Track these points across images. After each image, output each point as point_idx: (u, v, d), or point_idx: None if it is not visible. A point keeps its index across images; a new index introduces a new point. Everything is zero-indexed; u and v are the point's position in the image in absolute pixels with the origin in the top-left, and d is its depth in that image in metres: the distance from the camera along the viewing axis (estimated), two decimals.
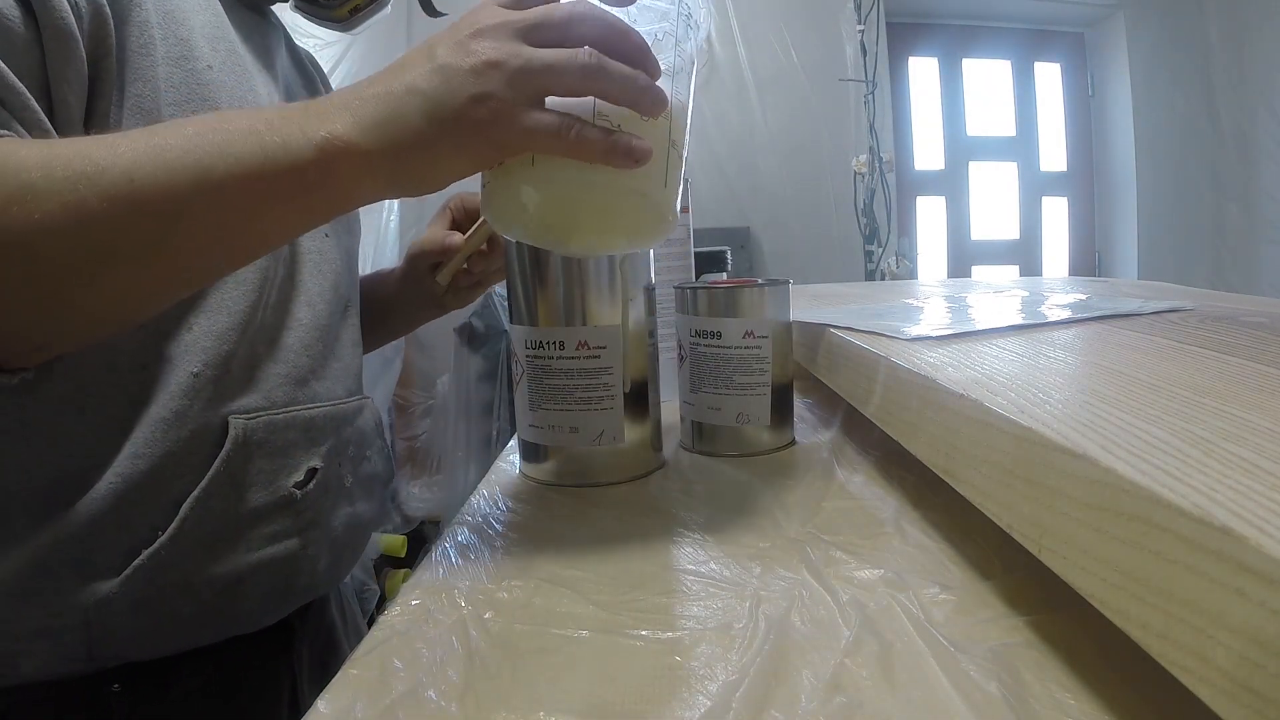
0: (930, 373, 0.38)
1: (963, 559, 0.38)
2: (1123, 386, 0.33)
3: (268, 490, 0.50)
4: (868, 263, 2.39)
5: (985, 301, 0.74)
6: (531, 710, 0.27)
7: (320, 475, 0.54)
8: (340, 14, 0.66)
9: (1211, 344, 0.43)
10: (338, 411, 0.57)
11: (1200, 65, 2.62)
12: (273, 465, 0.51)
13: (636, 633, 0.32)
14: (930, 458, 0.38)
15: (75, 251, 0.35)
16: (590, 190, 0.39)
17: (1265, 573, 0.17)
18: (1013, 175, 2.80)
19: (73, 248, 0.34)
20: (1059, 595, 0.29)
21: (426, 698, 0.28)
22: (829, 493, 0.48)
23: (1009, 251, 2.82)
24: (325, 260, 0.59)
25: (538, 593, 0.36)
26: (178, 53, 0.48)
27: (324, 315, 0.57)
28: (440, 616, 0.34)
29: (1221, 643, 0.18)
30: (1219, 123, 2.62)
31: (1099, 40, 2.76)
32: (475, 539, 0.44)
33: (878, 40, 2.39)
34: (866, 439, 0.58)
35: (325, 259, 0.59)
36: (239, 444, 0.48)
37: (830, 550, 0.39)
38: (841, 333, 0.55)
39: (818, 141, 2.44)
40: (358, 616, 0.72)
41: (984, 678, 0.27)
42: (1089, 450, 0.24)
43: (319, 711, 0.28)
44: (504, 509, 0.49)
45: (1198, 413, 0.28)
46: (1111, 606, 0.22)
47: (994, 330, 0.51)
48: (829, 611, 0.33)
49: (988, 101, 2.76)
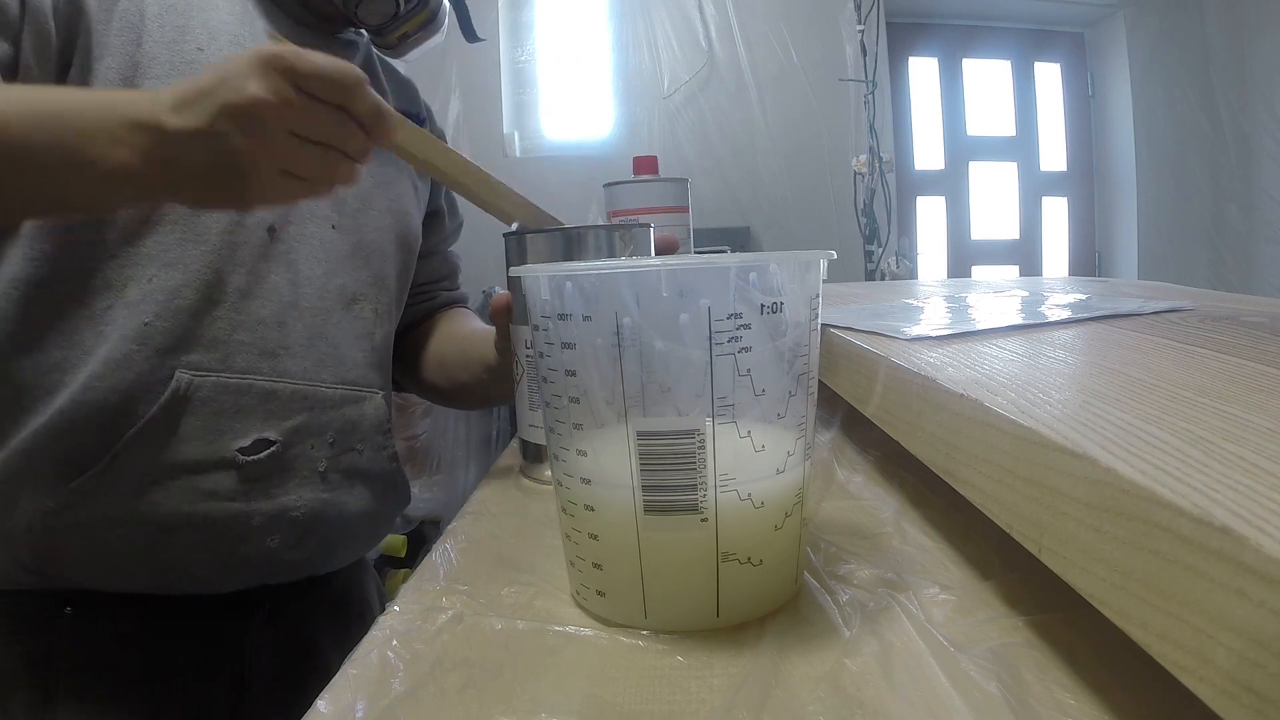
0: (930, 373, 0.38)
1: (963, 559, 0.38)
2: (1123, 386, 0.33)
3: (208, 447, 0.53)
4: (868, 263, 2.39)
5: (985, 301, 0.74)
6: (531, 710, 0.27)
7: (278, 450, 0.55)
8: (391, 39, 0.67)
9: (1211, 344, 0.43)
10: (314, 393, 0.58)
11: (1200, 65, 2.62)
12: (217, 425, 0.53)
13: (637, 632, 0.32)
14: (930, 458, 0.38)
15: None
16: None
17: (1265, 573, 0.17)
18: (1013, 175, 2.80)
19: None
20: (1059, 595, 0.29)
21: (426, 698, 0.28)
22: (829, 493, 0.48)
23: (1009, 251, 2.81)
24: (327, 250, 0.60)
25: (538, 593, 0.36)
26: (170, 37, 0.53)
27: (312, 299, 0.58)
28: (440, 616, 0.34)
29: (1221, 643, 0.18)
30: (1219, 123, 2.62)
31: (1099, 40, 2.76)
32: (475, 539, 0.44)
33: (878, 40, 2.39)
34: (866, 439, 0.58)
35: (327, 249, 0.60)
36: (178, 395, 0.51)
37: (830, 550, 0.39)
38: (841, 333, 0.55)
39: (818, 141, 2.44)
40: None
41: (984, 678, 0.27)
42: (1089, 450, 0.24)
43: (319, 711, 0.28)
44: (504, 509, 0.49)
45: (1198, 413, 0.28)
46: (1111, 606, 0.22)
47: (994, 330, 0.51)
48: (829, 611, 0.33)
49: (988, 101, 2.76)
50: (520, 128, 2.44)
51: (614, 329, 0.30)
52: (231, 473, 0.53)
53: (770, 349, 0.31)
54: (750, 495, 0.31)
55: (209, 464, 0.52)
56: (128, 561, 0.52)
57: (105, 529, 0.51)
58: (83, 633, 0.53)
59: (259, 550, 0.55)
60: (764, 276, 0.31)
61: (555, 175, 2.27)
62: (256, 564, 0.56)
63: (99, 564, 0.52)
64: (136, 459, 0.51)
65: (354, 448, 0.61)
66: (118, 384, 0.50)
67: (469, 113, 2.34)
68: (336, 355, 0.60)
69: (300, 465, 0.56)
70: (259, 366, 0.55)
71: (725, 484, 0.31)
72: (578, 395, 0.32)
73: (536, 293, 0.33)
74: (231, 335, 0.54)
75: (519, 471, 0.57)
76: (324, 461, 0.58)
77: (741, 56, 2.40)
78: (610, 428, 0.31)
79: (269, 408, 0.55)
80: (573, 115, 2.45)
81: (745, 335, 0.30)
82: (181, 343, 0.52)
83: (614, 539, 0.32)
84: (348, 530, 0.62)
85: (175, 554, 0.53)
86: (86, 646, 0.53)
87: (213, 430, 0.53)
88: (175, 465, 0.52)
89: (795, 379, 0.32)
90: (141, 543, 0.52)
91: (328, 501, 0.58)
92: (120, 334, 0.51)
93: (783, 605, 0.34)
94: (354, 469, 0.61)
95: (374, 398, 0.63)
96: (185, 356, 0.52)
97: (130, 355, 0.51)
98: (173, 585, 0.54)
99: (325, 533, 0.60)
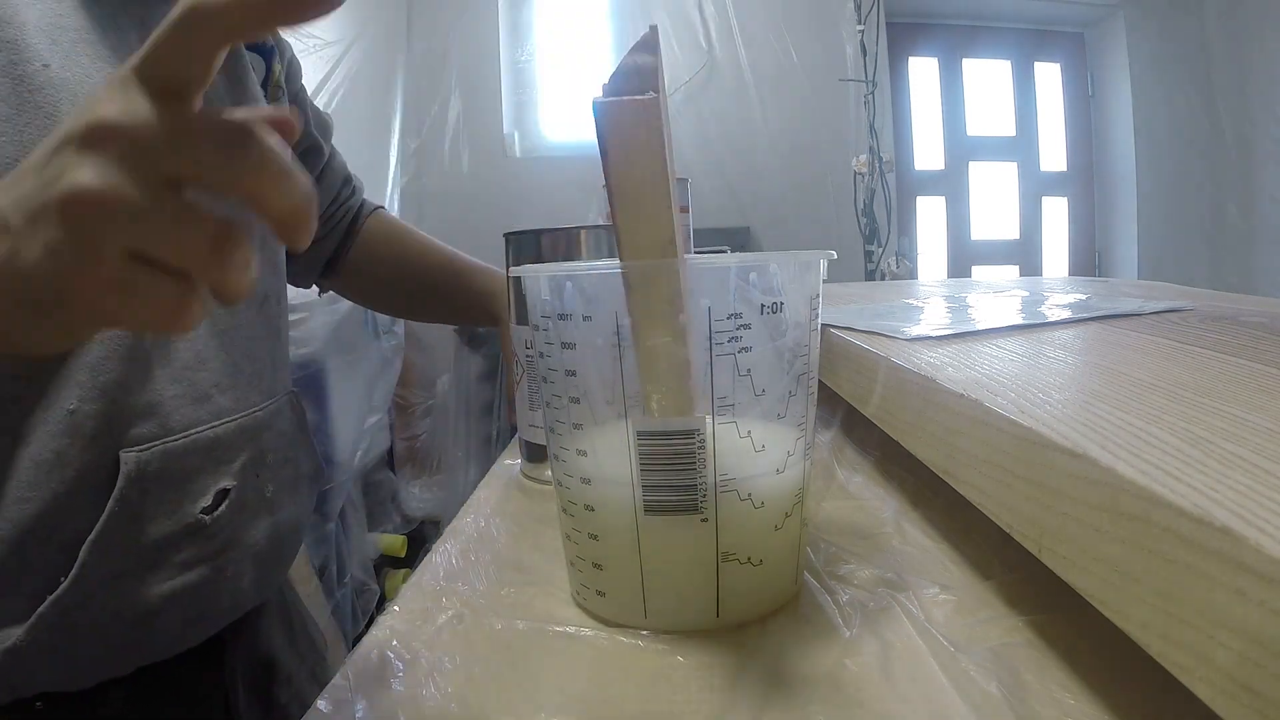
0: (930, 373, 0.38)
1: (963, 559, 0.38)
2: (1123, 386, 0.33)
3: (172, 520, 0.47)
4: (868, 263, 2.39)
5: (985, 301, 0.74)
6: (531, 710, 0.27)
7: (234, 495, 0.50)
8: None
9: (1211, 344, 0.43)
10: (252, 421, 0.53)
11: (1200, 65, 2.62)
12: (175, 494, 0.47)
13: (637, 632, 0.32)
14: (930, 458, 0.38)
15: None
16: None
17: (1265, 573, 0.17)
18: (1013, 175, 2.80)
19: None
20: (1059, 595, 0.29)
21: (426, 698, 0.28)
22: (829, 493, 0.48)
23: (1009, 251, 2.81)
24: None
25: (538, 593, 0.36)
26: (4, 59, 0.41)
27: (225, 318, 0.52)
28: (440, 617, 0.34)
29: (1221, 643, 0.18)
30: (1219, 123, 2.62)
31: (1099, 40, 2.75)
32: (475, 539, 0.44)
33: (878, 40, 2.39)
34: (866, 439, 0.58)
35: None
36: (131, 480, 0.45)
37: (830, 550, 0.39)
38: (841, 333, 0.55)
39: (818, 141, 2.44)
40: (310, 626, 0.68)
41: (984, 678, 0.27)
42: (1089, 450, 0.24)
43: (319, 711, 0.28)
44: (504, 509, 0.49)
45: (1198, 413, 0.28)
46: (1111, 606, 0.22)
47: (994, 330, 0.51)
48: (829, 611, 0.33)
49: (988, 101, 2.76)
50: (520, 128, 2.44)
51: (614, 329, 0.30)
52: (198, 536, 0.49)
53: (770, 349, 0.31)
54: (750, 495, 0.31)
55: (177, 536, 0.48)
56: (108, 658, 0.47)
57: (80, 640, 0.45)
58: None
59: (234, 598, 0.53)
60: (764, 276, 0.31)
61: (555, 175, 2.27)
62: (231, 609, 0.54)
63: (77, 671, 0.46)
64: (102, 559, 0.44)
65: (289, 458, 0.58)
66: (58, 488, 0.43)
67: (469, 113, 2.34)
68: (256, 370, 0.55)
69: (252, 501, 0.53)
70: (197, 416, 0.49)
71: (725, 484, 0.31)
72: (578, 395, 0.32)
73: (536, 293, 0.33)
74: (162, 394, 0.47)
75: (519, 471, 0.57)
76: (270, 486, 0.55)
77: (741, 56, 2.40)
78: (610, 428, 0.31)
79: (216, 456, 0.50)
80: (573, 115, 2.45)
81: (745, 335, 0.30)
82: (115, 422, 0.45)
83: (614, 539, 0.32)
84: (297, 538, 0.61)
85: (158, 633, 0.49)
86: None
87: (172, 501, 0.47)
88: (144, 550, 0.46)
89: (795, 379, 0.32)
90: (121, 637, 0.47)
91: (279, 521, 0.56)
92: (43, 430, 0.43)
93: (783, 605, 0.34)
94: (294, 479, 0.59)
95: (289, 396, 0.60)
96: (124, 434, 0.45)
97: (63, 452, 0.43)
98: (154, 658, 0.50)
99: (284, 550, 0.58)
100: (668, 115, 0.30)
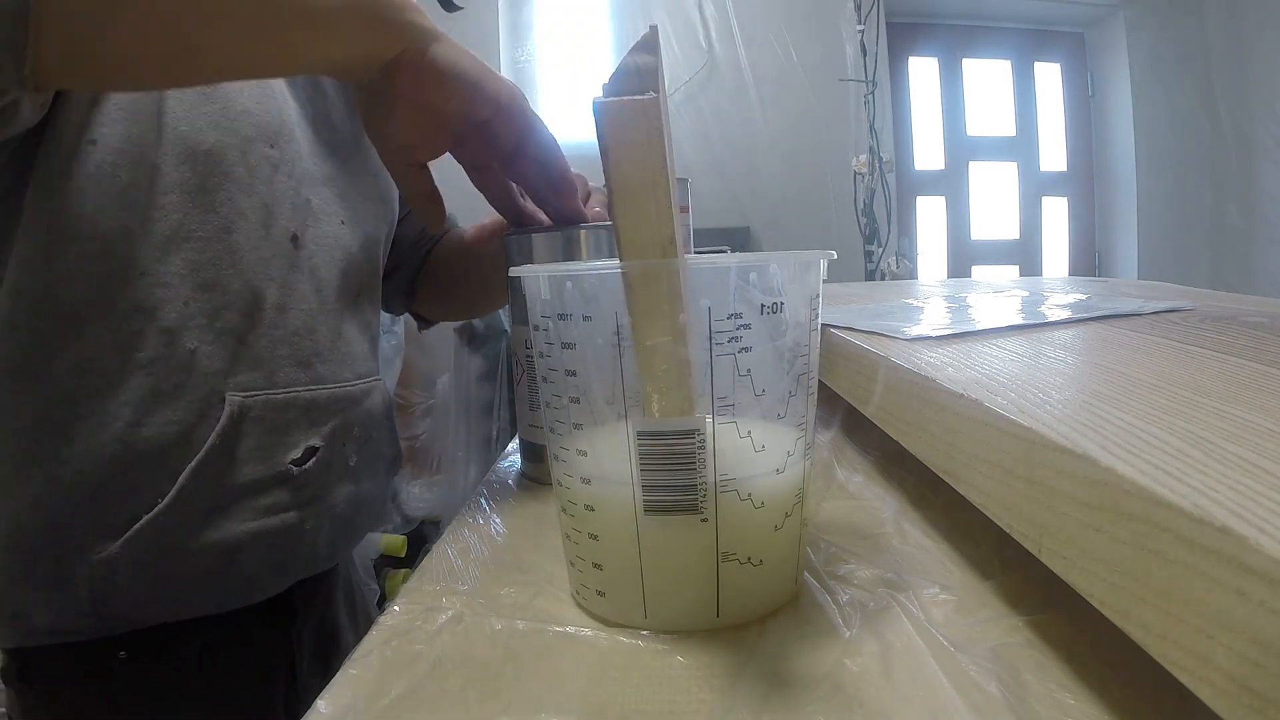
0: (930, 373, 0.38)
1: (963, 559, 0.38)
2: (1123, 386, 0.33)
3: (265, 465, 0.52)
4: (868, 263, 2.39)
5: (985, 301, 0.74)
6: (532, 710, 0.27)
7: (321, 454, 0.56)
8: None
9: (1211, 344, 0.43)
10: (343, 394, 0.59)
11: (1200, 65, 2.62)
12: (270, 441, 0.53)
13: (637, 632, 0.32)
14: (930, 458, 0.38)
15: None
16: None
17: (1265, 573, 0.17)
18: (1013, 175, 2.80)
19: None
20: (1059, 595, 0.29)
21: (426, 698, 0.28)
22: (829, 493, 0.48)
23: (1009, 251, 2.82)
24: (339, 247, 0.60)
25: (538, 593, 0.36)
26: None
27: (331, 300, 0.59)
28: (440, 616, 0.34)
29: (1221, 643, 0.18)
30: (1219, 123, 2.62)
31: (1099, 40, 2.76)
32: (475, 539, 0.44)
33: (878, 40, 2.39)
34: (866, 439, 0.58)
35: (339, 245, 0.60)
36: (234, 420, 0.51)
37: (830, 550, 0.39)
38: (841, 333, 0.55)
39: (818, 141, 2.44)
40: (369, 605, 0.74)
41: (984, 678, 0.27)
42: (1089, 450, 0.24)
43: (319, 711, 0.28)
44: (504, 509, 0.49)
45: (1198, 413, 0.28)
46: (1111, 606, 0.22)
47: (994, 330, 0.51)
48: (829, 611, 0.33)
49: (988, 101, 2.76)
50: None
51: (614, 329, 0.30)
52: (286, 485, 0.54)
53: (770, 349, 0.31)
54: (750, 495, 0.31)
55: (267, 481, 0.53)
56: (192, 590, 0.51)
57: (169, 563, 0.50)
58: (141, 675, 0.52)
59: (310, 550, 0.57)
60: (764, 276, 0.31)
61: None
62: (306, 564, 0.58)
63: (162, 598, 0.51)
64: (199, 489, 0.50)
65: (372, 437, 0.63)
66: (171, 416, 0.49)
67: None
68: (351, 352, 0.61)
69: (338, 464, 0.58)
70: (298, 378, 0.55)
71: (725, 484, 0.31)
72: (578, 395, 0.32)
73: (536, 293, 0.33)
74: (273, 351, 0.53)
75: (519, 471, 0.57)
76: (355, 456, 0.60)
77: (741, 56, 2.41)
78: (610, 428, 0.31)
79: (311, 416, 0.56)
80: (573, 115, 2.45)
81: (745, 335, 0.30)
82: (229, 366, 0.51)
83: (614, 539, 0.32)
84: (373, 515, 0.65)
85: (239, 573, 0.53)
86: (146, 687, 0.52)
87: (267, 448, 0.53)
88: (236, 488, 0.51)
89: (795, 379, 0.32)
90: (206, 569, 0.51)
91: (356, 492, 0.61)
92: (165, 363, 0.49)
93: (783, 605, 0.34)
94: (375, 456, 0.64)
95: (379, 386, 0.66)
96: (233, 379, 0.51)
97: (181, 385, 0.49)
98: (233, 602, 0.54)
99: (359, 521, 0.63)
100: (668, 115, 0.30)
